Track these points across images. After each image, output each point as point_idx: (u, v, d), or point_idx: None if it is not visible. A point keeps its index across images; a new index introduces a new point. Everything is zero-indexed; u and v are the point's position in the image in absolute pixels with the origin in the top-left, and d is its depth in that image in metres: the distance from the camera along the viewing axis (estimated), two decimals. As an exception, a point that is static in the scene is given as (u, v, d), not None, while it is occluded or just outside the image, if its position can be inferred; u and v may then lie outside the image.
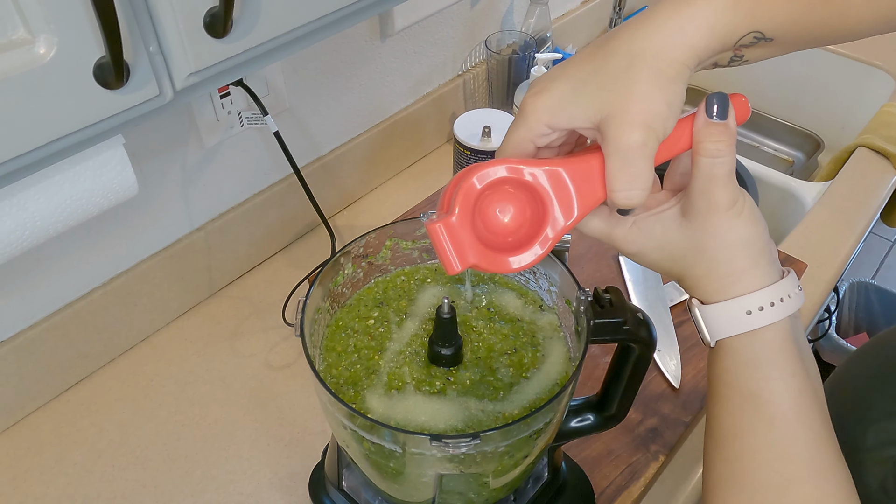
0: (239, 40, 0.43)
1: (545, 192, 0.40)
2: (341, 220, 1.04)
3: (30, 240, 0.54)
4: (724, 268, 0.42)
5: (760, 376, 0.41)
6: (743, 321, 0.41)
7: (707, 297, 0.43)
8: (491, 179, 0.40)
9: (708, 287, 0.43)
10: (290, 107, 0.89)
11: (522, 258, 0.41)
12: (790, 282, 0.42)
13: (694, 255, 0.42)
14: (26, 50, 0.34)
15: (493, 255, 0.40)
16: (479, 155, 0.90)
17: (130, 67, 0.38)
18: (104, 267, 0.80)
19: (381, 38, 0.96)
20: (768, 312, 0.41)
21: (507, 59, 1.09)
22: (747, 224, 0.41)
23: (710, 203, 0.40)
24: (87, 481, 0.74)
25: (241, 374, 0.84)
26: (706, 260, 0.42)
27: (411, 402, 0.50)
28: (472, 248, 0.39)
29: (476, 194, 0.39)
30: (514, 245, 0.41)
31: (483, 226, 0.41)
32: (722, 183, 0.40)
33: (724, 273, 0.42)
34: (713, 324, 0.43)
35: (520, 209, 0.41)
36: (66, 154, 0.40)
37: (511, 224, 0.41)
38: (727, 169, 0.40)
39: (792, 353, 0.42)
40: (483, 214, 0.41)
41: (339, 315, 0.57)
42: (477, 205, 0.40)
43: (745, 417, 0.42)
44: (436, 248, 0.39)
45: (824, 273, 0.95)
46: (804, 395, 0.41)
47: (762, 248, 0.42)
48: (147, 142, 0.75)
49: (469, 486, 0.52)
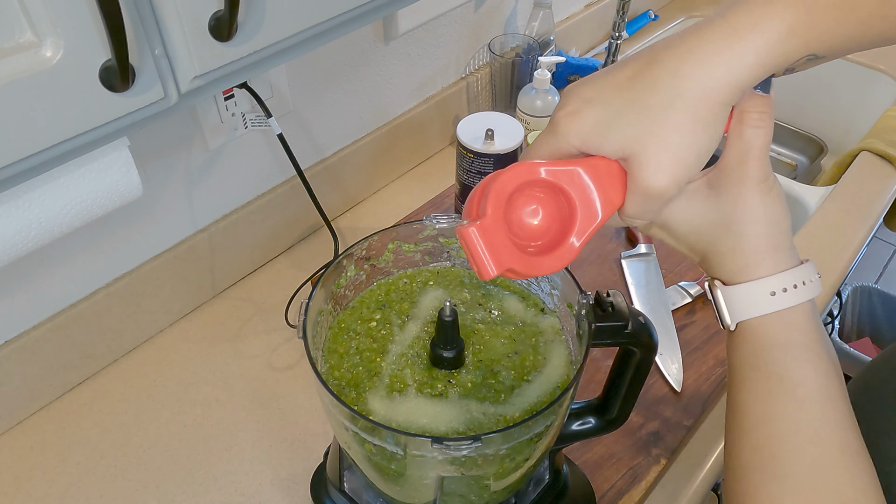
0: (243, 44, 0.43)
1: (574, 193, 0.40)
2: (344, 222, 1.04)
3: (35, 241, 0.54)
4: (749, 245, 0.41)
5: (788, 358, 0.41)
6: (767, 302, 0.41)
7: (730, 277, 0.42)
8: (522, 181, 0.39)
9: (733, 265, 0.42)
10: (293, 109, 0.89)
11: (556, 259, 0.40)
12: (810, 267, 0.42)
13: (720, 228, 0.42)
14: (33, 53, 0.35)
15: (528, 259, 0.40)
16: (481, 158, 0.91)
17: (136, 70, 0.38)
18: (108, 268, 0.80)
19: (385, 41, 0.96)
20: (791, 294, 0.41)
21: (511, 62, 1.10)
22: (776, 201, 0.41)
23: (745, 174, 0.40)
24: (89, 481, 0.74)
25: (244, 376, 0.84)
26: (732, 235, 0.41)
27: (413, 404, 0.50)
28: (507, 252, 0.39)
29: (507, 196, 0.39)
30: (544, 248, 0.41)
31: (513, 229, 0.40)
32: (758, 155, 0.39)
33: (750, 251, 0.41)
34: (736, 305, 0.42)
35: (548, 211, 0.41)
36: (71, 156, 0.40)
37: (540, 226, 0.41)
38: (765, 141, 0.40)
39: (816, 335, 0.41)
40: (513, 217, 0.40)
41: (342, 317, 0.57)
42: (507, 207, 0.39)
43: (774, 401, 0.41)
44: (470, 252, 0.39)
45: (827, 277, 0.95)
46: (830, 378, 0.41)
47: (786, 231, 0.41)
48: (151, 143, 0.75)
49: (470, 488, 0.52)
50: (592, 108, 0.39)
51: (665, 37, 0.39)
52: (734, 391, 0.44)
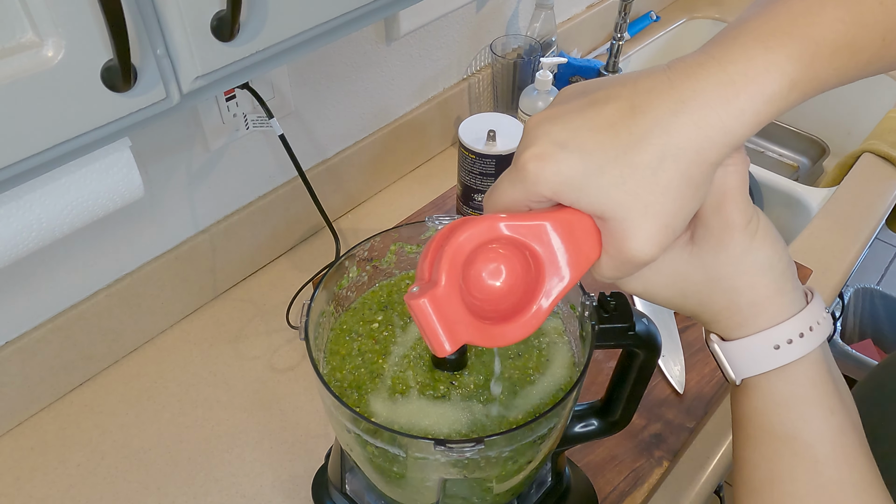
0: (246, 44, 0.43)
1: (542, 251, 0.34)
2: (346, 223, 1.04)
3: (36, 241, 0.54)
4: (744, 298, 0.37)
5: (796, 416, 0.37)
6: (771, 357, 0.37)
7: (728, 333, 0.39)
8: (482, 240, 0.34)
9: (729, 321, 0.38)
10: (295, 110, 0.89)
11: (520, 327, 0.35)
12: (817, 306, 0.38)
13: (709, 286, 0.38)
14: (34, 53, 0.34)
15: (488, 329, 0.35)
16: (483, 159, 0.90)
17: (138, 70, 0.38)
18: (109, 269, 0.80)
19: (387, 42, 0.96)
20: (798, 345, 0.37)
21: (513, 63, 1.09)
22: (764, 242, 0.37)
23: (724, 222, 0.36)
24: (90, 483, 0.74)
25: (245, 377, 0.84)
26: (724, 291, 0.37)
27: (415, 406, 0.50)
28: (465, 324, 0.34)
29: (463, 258, 0.34)
30: (508, 312, 0.36)
31: (472, 292, 0.35)
32: (735, 196, 0.35)
33: (746, 304, 0.37)
34: (737, 361, 0.38)
35: (512, 270, 0.35)
36: (73, 157, 0.40)
37: (503, 288, 0.35)
38: (739, 180, 0.36)
39: (828, 386, 0.38)
40: (471, 279, 0.35)
41: (344, 318, 0.57)
42: (464, 269, 0.34)
43: (784, 462, 0.38)
44: (422, 326, 0.33)
45: (829, 279, 0.95)
46: (846, 434, 0.37)
47: (783, 271, 0.37)
48: (153, 144, 0.75)
49: (473, 490, 0.52)
50: (567, 156, 0.33)
51: (649, 68, 0.34)
52: (739, 448, 0.41)
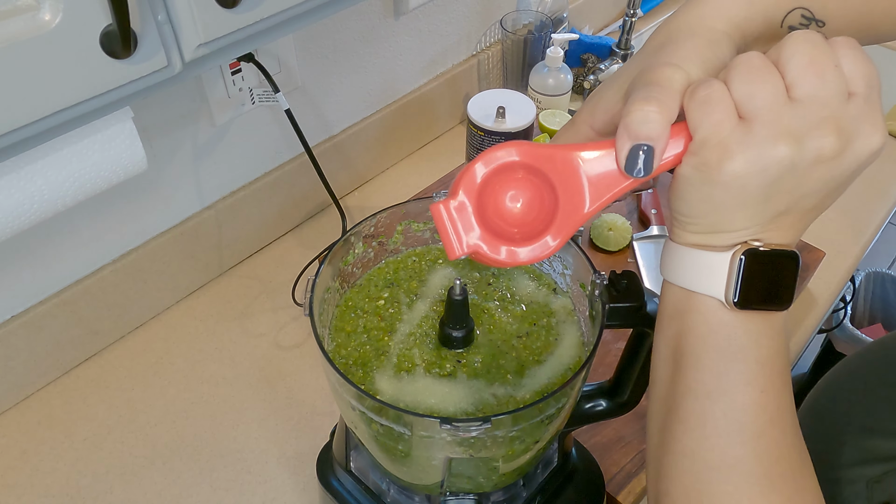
0: (250, 11, 0.41)
1: (556, 181, 0.37)
2: (352, 200, 1.03)
3: (38, 213, 0.53)
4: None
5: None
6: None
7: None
8: (498, 164, 0.37)
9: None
10: (301, 85, 0.88)
11: (533, 250, 0.37)
12: None
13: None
14: (31, 16, 0.33)
15: (497, 244, 0.37)
16: (492, 136, 0.89)
17: (138, 36, 0.37)
18: (115, 244, 0.79)
19: (395, 16, 0.94)
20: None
21: (523, 39, 1.07)
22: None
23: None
24: (96, 457, 0.74)
25: (251, 354, 0.83)
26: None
27: (421, 384, 0.50)
28: (476, 234, 0.37)
29: (480, 176, 0.37)
30: (525, 236, 0.38)
31: (494, 214, 0.38)
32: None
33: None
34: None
35: (533, 197, 0.38)
36: (72, 125, 0.39)
37: (522, 212, 0.38)
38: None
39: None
40: (493, 201, 0.38)
41: (349, 295, 0.56)
42: (485, 189, 0.37)
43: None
44: (438, 229, 0.37)
45: (842, 262, 0.94)
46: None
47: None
48: (158, 118, 0.74)
49: (478, 470, 0.51)
50: (608, 83, 0.39)
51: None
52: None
